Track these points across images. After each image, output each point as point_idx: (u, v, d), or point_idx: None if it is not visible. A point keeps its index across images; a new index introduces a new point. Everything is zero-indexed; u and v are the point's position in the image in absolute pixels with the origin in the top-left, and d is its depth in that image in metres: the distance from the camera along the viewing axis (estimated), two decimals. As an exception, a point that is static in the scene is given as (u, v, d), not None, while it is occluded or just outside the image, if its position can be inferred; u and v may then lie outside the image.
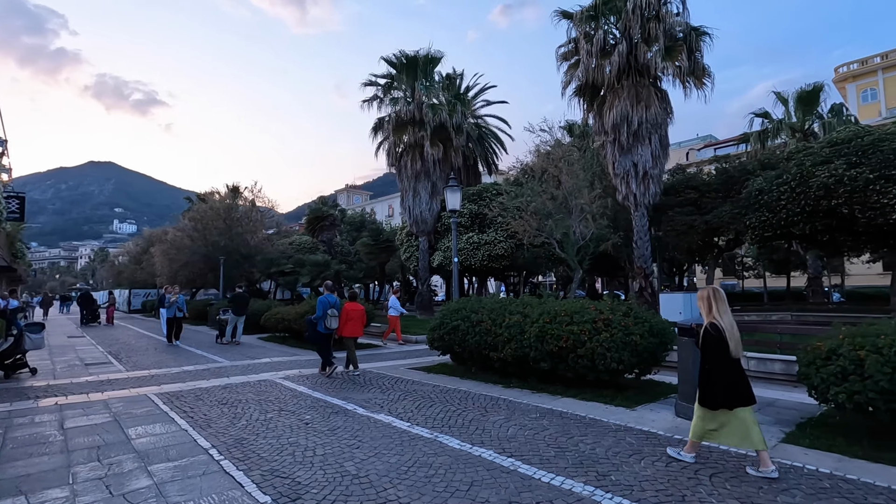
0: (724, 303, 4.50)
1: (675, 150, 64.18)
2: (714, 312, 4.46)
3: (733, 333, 4.37)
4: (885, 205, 11.25)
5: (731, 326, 4.39)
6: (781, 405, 6.81)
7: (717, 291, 4.59)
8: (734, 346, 4.34)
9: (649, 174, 14.53)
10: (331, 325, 9.55)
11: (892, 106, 45.17)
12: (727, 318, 4.42)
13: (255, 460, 4.73)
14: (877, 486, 3.98)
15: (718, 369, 4.38)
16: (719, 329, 4.36)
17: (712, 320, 4.44)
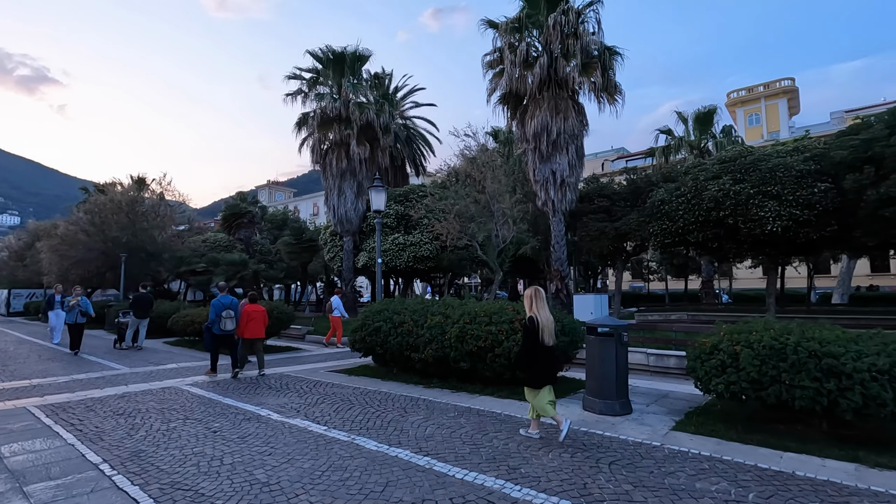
0: (543, 301, 5.43)
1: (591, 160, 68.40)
2: (534, 308, 5.37)
3: (547, 325, 5.32)
4: (762, 217, 12.79)
5: (546, 320, 5.33)
6: (674, 396, 7.49)
7: (538, 291, 5.49)
8: (547, 336, 5.31)
9: (566, 182, 15.38)
10: (226, 327, 9.29)
11: (772, 130, 51.31)
12: (544, 313, 5.35)
13: (153, 473, 4.41)
14: (745, 465, 4.53)
15: (538, 355, 5.30)
16: (535, 322, 5.28)
17: (532, 315, 5.35)
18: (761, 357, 5.21)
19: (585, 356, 6.82)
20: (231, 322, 9.33)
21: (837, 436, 5.17)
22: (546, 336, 5.29)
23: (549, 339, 5.33)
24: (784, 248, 14.85)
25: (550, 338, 5.34)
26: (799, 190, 12.59)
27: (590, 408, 6.51)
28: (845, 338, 5.17)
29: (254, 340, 9.64)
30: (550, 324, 5.35)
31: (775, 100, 53.08)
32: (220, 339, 9.53)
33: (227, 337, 9.48)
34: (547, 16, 15.27)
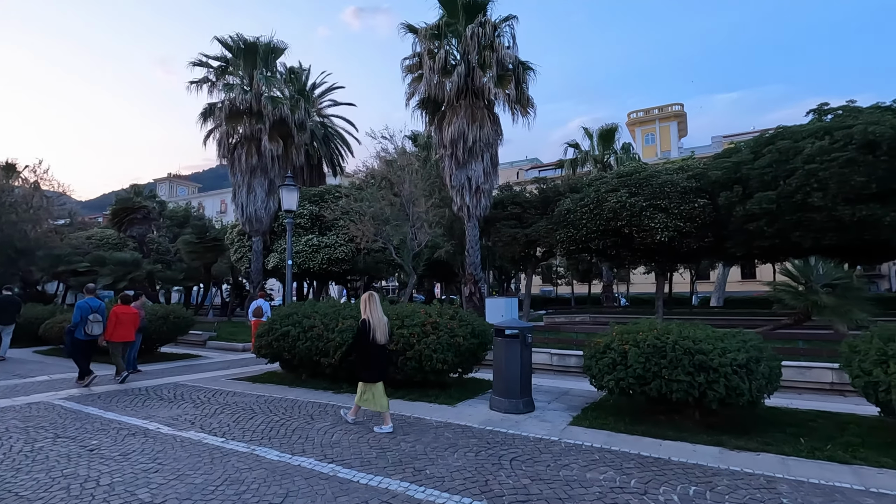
0: (377, 304, 5.99)
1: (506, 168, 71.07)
2: (367, 311, 5.90)
3: (380, 326, 5.87)
4: (652, 227, 14.14)
5: (379, 321, 5.88)
6: (574, 394, 7.99)
7: (372, 296, 6.05)
8: (380, 335, 5.85)
9: (481, 188, 15.88)
10: (93, 332, 8.68)
11: (665, 149, 56.78)
12: (376, 314, 5.90)
13: (10, 502, 3.87)
14: (630, 454, 4.95)
15: (371, 353, 5.82)
16: (367, 323, 5.82)
17: (365, 317, 5.87)
18: (646, 355, 5.73)
19: (493, 357, 7.08)
20: (98, 326, 8.76)
21: (707, 423, 5.82)
22: (379, 335, 5.83)
23: (382, 338, 5.89)
24: (671, 256, 16.50)
25: (383, 336, 5.91)
26: (683, 204, 14.09)
27: (496, 407, 6.76)
28: (714, 336, 5.84)
29: (123, 344, 9.19)
30: (383, 324, 5.92)
31: (667, 122, 58.83)
32: (86, 345, 8.79)
33: (94, 342, 8.82)
34: (465, 26, 15.70)
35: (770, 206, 12.42)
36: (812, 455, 4.84)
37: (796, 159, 12.25)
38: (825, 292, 10.45)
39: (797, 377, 8.17)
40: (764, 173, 12.94)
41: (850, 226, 11.59)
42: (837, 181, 11.37)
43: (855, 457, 4.74)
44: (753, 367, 5.41)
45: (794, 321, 11.90)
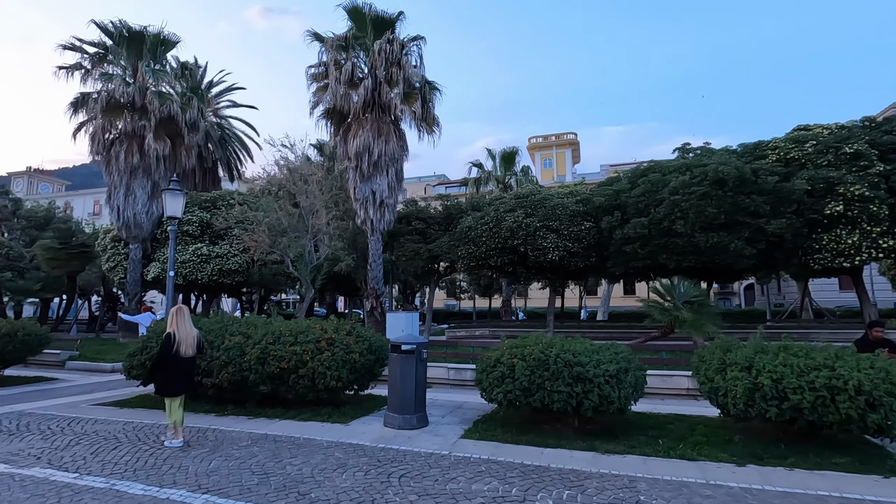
0: (184, 318, 6.08)
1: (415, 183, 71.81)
2: (173, 324, 5.97)
3: (185, 340, 5.96)
4: (545, 247, 15.16)
5: (185, 335, 5.98)
6: (468, 407, 8.22)
7: (181, 310, 6.12)
8: (184, 348, 5.94)
9: (385, 203, 15.89)
10: None
11: (560, 174, 61.20)
12: (183, 328, 5.98)
13: None
14: (514, 463, 5.21)
15: (173, 367, 5.88)
16: (172, 337, 5.88)
17: (171, 331, 5.93)
18: (531, 368, 6.09)
19: (388, 373, 7.07)
20: None
21: (584, 430, 6.32)
22: (184, 348, 5.92)
23: (188, 351, 5.98)
24: (561, 274, 17.76)
25: (189, 349, 5.99)
26: (572, 226, 15.30)
27: (390, 423, 6.73)
28: (591, 349, 6.38)
29: None
30: (189, 338, 6.02)
31: (563, 149, 63.57)
32: None
33: None
34: (373, 41, 15.77)
35: (643, 230, 13.96)
36: (668, 454, 5.46)
37: (664, 191, 13.93)
38: (686, 308, 11.90)
39: (661, 384, 9.17)
40: (638, 201, 14.53)
41: (705, 250, 13.40)
42: (695, 211, 13.11)
43: (700, 454, 5.43)
44: (622, 377, 6.00)
45: (662, 334, 13.37)
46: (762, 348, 5.84)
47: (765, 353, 5.72)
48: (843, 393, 4.95)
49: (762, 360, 5.55)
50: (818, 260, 13.76)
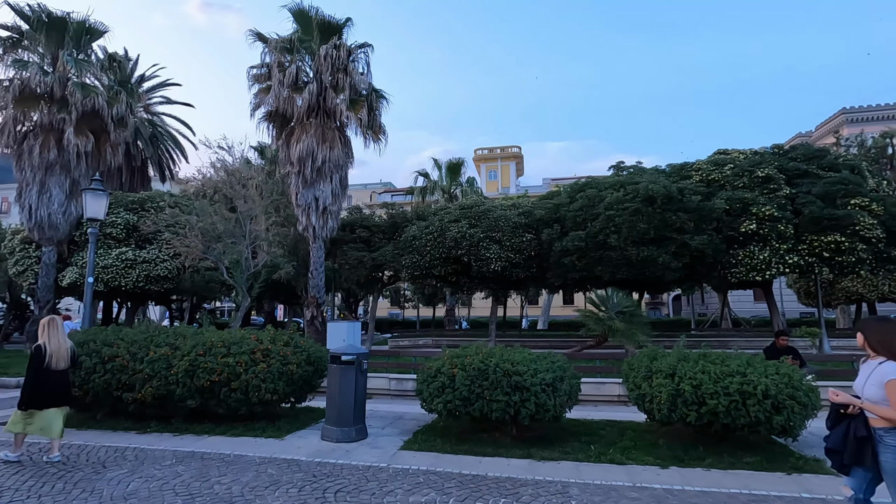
0: (56, 329, 5.89)
1: (361, 190, 70.95)
2: (45, 336, 5.79)
3: (57, 352, 5.77)
4: (488, 258, 15.47)
5: (57, 347, 5.80)
6: (408, 418, 8.17)
7: (52, 321, 5.98)
8: (55, 362, 5.74)
9: (329, 210, 15.58)
10: None
11: (505, 186, 62.69)
12: (55, 341, 5.81)
13: None
14: (452, 473, 5.24)
15: (42, 380, 5.67)
16: (42, 349, 5.69)
17: (42, 342, 5.76)
18: (471, 377, 6.17)
19: (327, 385, 6.90)
20: None
21: (521, 438, 6.46)
22: (55, 362, 5.71)
23: (60, 364, 5.77)
24: (503, 284, 18.15)
25: (62, 362, 5.80)
26: (514, 238, 15.71)
27: (328, 437, 6.57)
28: (529, 358, 6.55)
29: None
30: (62, 350, 5.82)
31: (508, 161, 65.21)
32: None
33: None
34: (320, 45, 15.52)
35: (580, 243, 14.58)
36: (599, 459, 5.69)
37: (600, 206, 14.65)
38: (618, 318, 12.54)
39: (594, 392, 9.58)
40: (577, 215, 15.18)
41: (637, 263, 14.19)
42: (628, 226, 13.88)
43: (628, 458, 5.71)
44: (558, 386, 6.20)
45: (597, 342, 13.99)
46: (684, 356, 6.25)
47: (686, 360, 6.12)
48: (752, 397, 5.39)
49: (684, 367, 5.93)
50: (735, 273, 14.95)
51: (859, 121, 48.39)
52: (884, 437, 3.08)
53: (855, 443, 3.14)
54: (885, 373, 3.08)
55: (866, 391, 3.18)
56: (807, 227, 14.19)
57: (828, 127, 50.84)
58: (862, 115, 49.55)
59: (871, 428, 3.13)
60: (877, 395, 3.09)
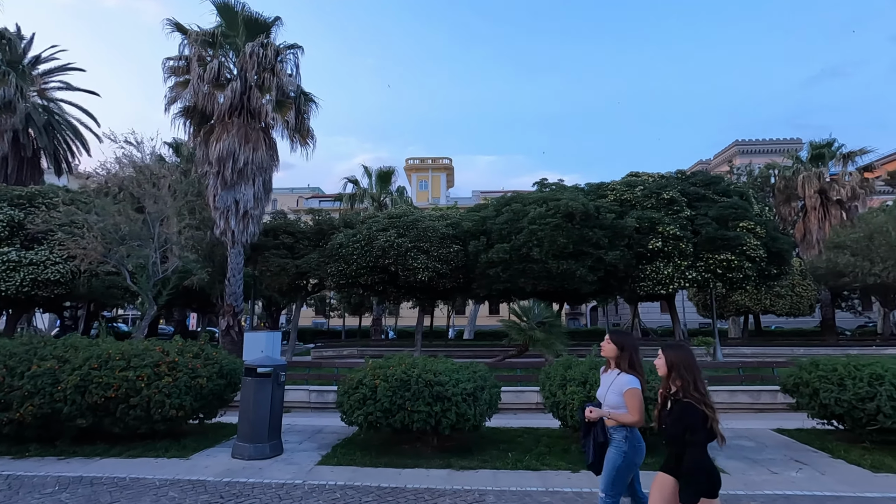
0: None
1: (287, 194, 68.43)
2: None
3: None
4: (416, 267, 15.50)
5: None
6: (328, 431, 7.93)
7: None
8: None
9: (250, 214, 14.83)
10: None
11: (435, 196, 63.32)
12: None
13: None
14: (371, 487, 5.16)
15: None
16: None
17: None
18: (393, 388, 6.12)
19: (241, 399, 6.54)
20: None
21: (442, 448, 6.50)
22: None
23: None
24: (430, 294, 18.25)
25: None
26: (441, 248, 15.88)
27: (239, 454, 6.21)
28: (451, 369, 6.63)
29: None
30: None
31: (439, 172, 66.02)
32: None
33: None
34: (245, 42, 14.84)
35: (505, 255, 15.06)
36: (515, 466, 5.87)
37: (524, 220, 15.24)
38: (539, 328, 13.04)
39: (515, 400, 9.87)
40: (502, 228, 15.68)
41: (557, 275, 14.89)
42: (549, 241, 14.55)
43: (543, 464, 5.94)
44: (479, 395, 6.33)
45: (519, 352, 14.43)
46: (595, 365, 6.63)
47: (596, 369, 6.49)
48: (653, 402, 5.81)
49: (594, 375, 6.29)
50: (643, 287, 16.14)
51: (749, 152, 54.59)
52: (613, 434, 3.52)
53: (599, 448, 3.56)
54: (622, 384, 3.51)
55: (608, 399, 3.59)
56: (704, 246, 15.68)
57: (723, 156, 56.83)
58: (752, 147, 55.94)
59: (607, 431, 3.55)
60: (617, 401, 3.49)
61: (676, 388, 3.12)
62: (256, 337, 12.81)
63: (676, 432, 3.03)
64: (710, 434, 3.00)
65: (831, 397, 6.38)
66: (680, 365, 3.13)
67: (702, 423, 2.96)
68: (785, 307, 26.15)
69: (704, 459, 2.96)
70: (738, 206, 16.24)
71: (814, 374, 6.76)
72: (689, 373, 3.08)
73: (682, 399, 3.04)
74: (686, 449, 2.97)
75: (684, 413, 3.00)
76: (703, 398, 3.02)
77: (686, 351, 3.28)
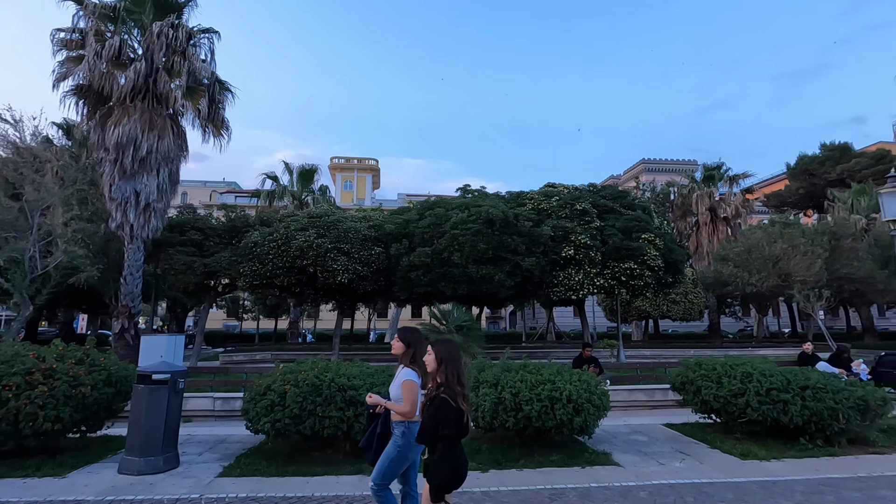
0: None
1: (200, 187, 64.07)
2: None
3: None
4: (336, 269, 15.12)
5: None
6: (233, 440, 7.47)
7: None
8: None
9: (153, 206, 13.60)
10: None
11: (360, 197, 62.28)
12: None
13: None
14: (276, 497, 4.93)
15: None
16: None
17: None
18: (304, 394, 5.91)
19: (131, 409, 5.98)
20: None
21: (356, 454, 6.34)
22: None
23: None
24: (350, 296, 17.89)
25: None
26: (363, 250, 15.65)
27: (128, 469, 5.67)
28: (367, 372, 6.55)
29: None
30: None
31: (365, 173, 65.04)
32: None
33: None
34: (153, 21, 13.66)
35: (427, 259, 15.16)
36: (427, 469, 5.88)
37: (446, 225, 15.46)
38: (457, 332, 13.24)
39: (431, 402, 9.92)
40: (425, 232, 15.77)
41: (476, 280, 15.25)
42: (470, 246, 14.88)
43: (454, 465, 6.01)
44: (393, 398, 6.29)
45: (437, 355, 14.54)
46: (507, 367, 6.87)
47: (509, 371, 6.73)
48: (559, 402, 6.14)
49: (506, 377, 6.51)
50: (556, 292, 17.00)
51: (654, 170, 59.61)
52: (394, 428, 3.65)
53: (379, 439, 3.70)
54: (402, 375, 3.68)
55: (392, 391, 3.75)
56: (611, 255, 16.84)
57: (631, 173, 61.61)
58: (656, 165, 61.18)
59: (389, 424, 3.68)
60: (397, 394, 3.65)
61: (440, 382, 3.20)
62: (155, 341, 11.74)
63: (429, 426, 3.12)
64: (463, 429, 3.14)
65: (710, 394, 7.12)
66: (448, 359, 3.24)
67: (455, 418, 3.07)
68: (679, 312, 28.84)
69: (454, 452, 3.09)
70: (641, 220, 17.64)
71: (697, 374, 7.50)
72: (454, 366, 3.21)
73: (440, 395, 3.13)
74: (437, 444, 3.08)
75: (439, 408, 3.10)
76: (463, 391, 3.16)
77: (453, 345, 3.43)
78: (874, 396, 6.72)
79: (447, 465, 3.06)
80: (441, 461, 3.06)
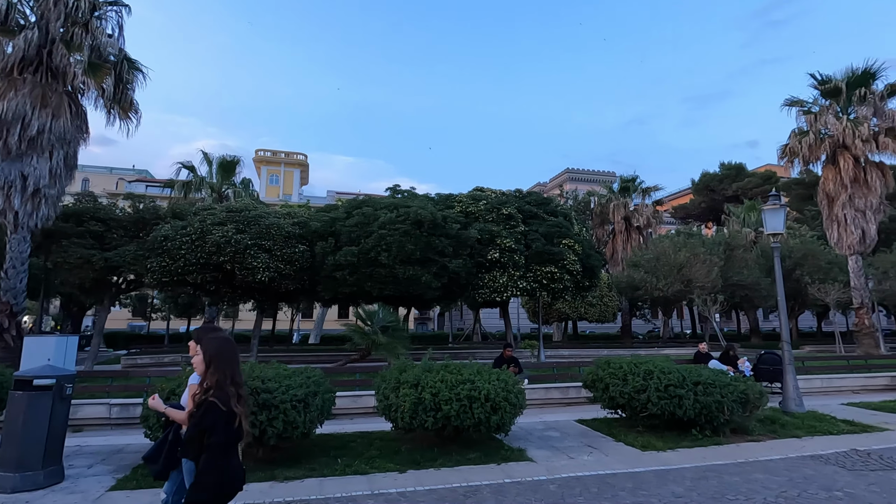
0: None
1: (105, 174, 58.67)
2: None
3: None
4: (255, 266, 14.41)
5: None
6: (131, 450, 6.87)
7: None
8: None
9: (43, 192, 12.15)
10: None
11: (287, 193, 59.86)
12: None
13: None
14: None
15: None
16: None
17: None
18: (212, 398, 5.57)
19: (5, 419, 5.32)
20: None
21: (268, 459, 6.09)
22: None
23: None
24: (271, 295, 17.14)
25: None
26: (286, 248, 15.06)
27: (1, 487, 5.02)
28: (282, 375, 6.28)
29: None
30: None
31: (292, 168, 62.62)
32: None
33: None
34: (49, -13, 12.29)
35: (353, 259, 14.88)
36: (344, 472, 5.78)
37: (374, 224, 15.28)
38: (382, 333, 13.15)
39: (352, 405, 9.76)
40: (352, 231, 15.48)
41: (403, 281, 15.21)
42: (397, 246, 14.81)
43: (372, 467, 5.96)
44: (311, 401, 6.10)
45: (361, 356, 14.36)
46: (428, 368, 6.91)
47: (430, 371, 6.77)
48: (477, 401, 6.27)
49: (427, 377, 6.55)
50: (481, 294, 17.40)
51: (577, 180, 62.89)
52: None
53: (169, 447, 3.31)
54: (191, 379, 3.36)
55: (184, 396, 3.51)
56: (534, 258, 17.52)
57: (556, 181, 64.57)
58: (579, 175, 64.58)
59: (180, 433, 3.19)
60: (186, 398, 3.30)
61: (209, 385, 2.73)
62: (42, 342, 10.52)
63: (192, 435, 2.70)
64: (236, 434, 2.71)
65: (617, 390, 7.62)
66: (219, 358, 2.81)
67: (223, 424, 2.63)
68: (595, 314, 30.62)
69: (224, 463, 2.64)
70: (562, 226, 18.53)
71: (606, 372, 8.00)
72: (228, 366, 2.79)
73: (209, 399, 2.68)
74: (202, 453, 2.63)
75: (205, 415, 2.65)
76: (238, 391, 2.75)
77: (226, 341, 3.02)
78: (753, 390, 7.53)
79: (212, 478, 2.60)
80: (205, 474, 2.60)
